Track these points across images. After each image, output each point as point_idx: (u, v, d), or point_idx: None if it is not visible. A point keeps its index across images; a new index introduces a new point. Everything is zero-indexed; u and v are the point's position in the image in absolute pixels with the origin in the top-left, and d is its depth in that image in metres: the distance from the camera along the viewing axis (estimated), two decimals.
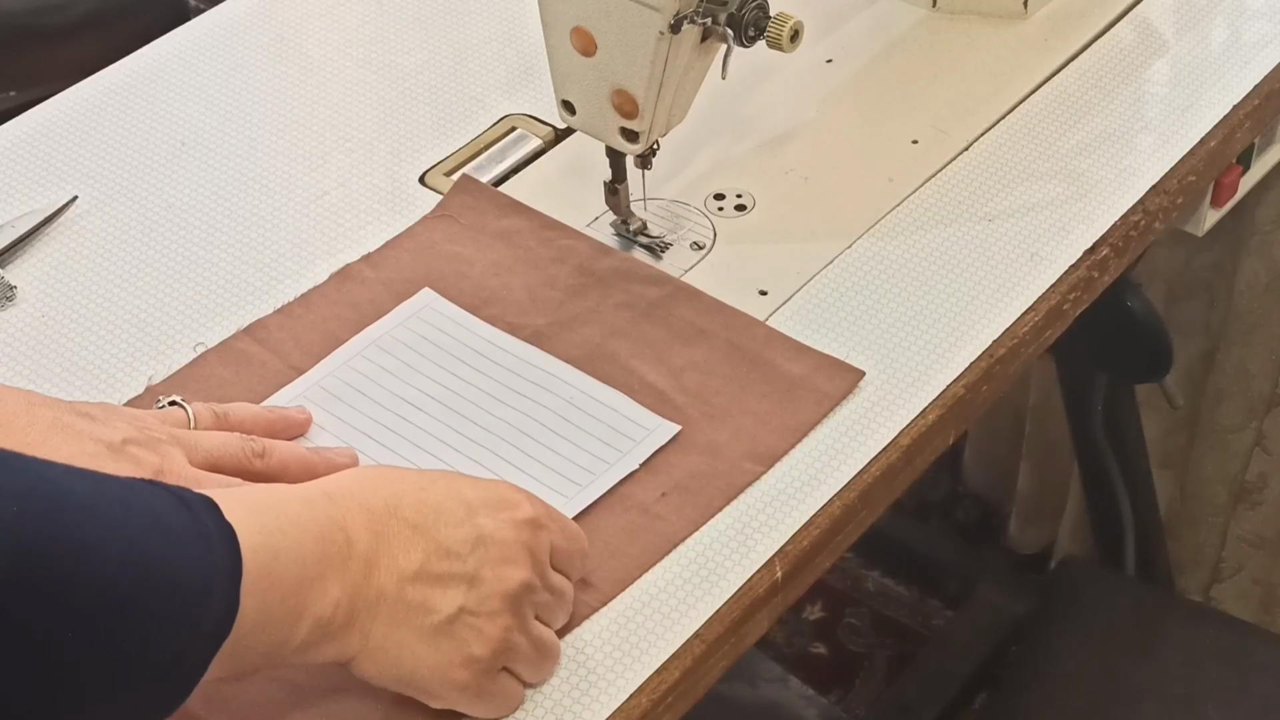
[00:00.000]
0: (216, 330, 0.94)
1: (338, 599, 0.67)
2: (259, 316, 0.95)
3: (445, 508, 0.71)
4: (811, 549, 0.82)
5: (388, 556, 0.69)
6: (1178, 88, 1.08)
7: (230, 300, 0.97)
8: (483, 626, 0.71)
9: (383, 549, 0.69)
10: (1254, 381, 1.46)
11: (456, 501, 0.72)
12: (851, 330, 0.92)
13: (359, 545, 0.68)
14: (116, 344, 0.94)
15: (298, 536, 0.66)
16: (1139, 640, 1.21)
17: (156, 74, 1.17)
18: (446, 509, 0.71)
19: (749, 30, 0.88)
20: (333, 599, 0.66)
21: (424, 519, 0.71)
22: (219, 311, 0.96)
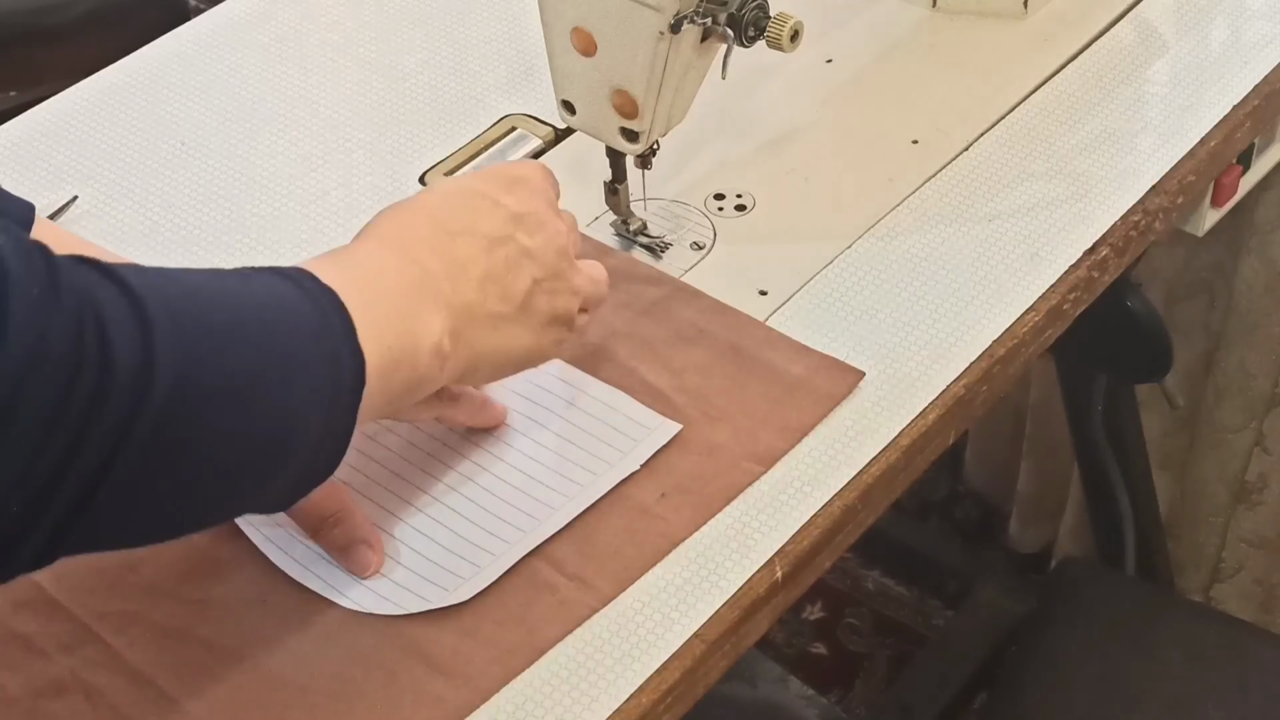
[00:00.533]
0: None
1: (442, 326, 0.73)
2: None
3: (473, 205, 0.77)
4: (811, 549, 0.82)
5: (457, 268, 0.74)
6: (1178, 88, 1.08)
7: None
8: (556, 288, 0.79)
9: (450, 264, 0.74)
10: (1254, 381, 1.46)
11: (478, 197, 0.78)
12: (851, 330, 0.92)
13: (432, 268, 0.73)
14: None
15: (386, 279, 0.71)
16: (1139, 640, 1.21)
17: (156, 74, 1.17)
18: (475, 206, 0.77)
19: (749, 30, 0.88)
20: (438, 327, 0.72)
21: (464, 223, 0.76)
22: None
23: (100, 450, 0.56)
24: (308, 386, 0.65)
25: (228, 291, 0.65)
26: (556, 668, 0.76)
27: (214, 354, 0.61)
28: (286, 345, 0.65)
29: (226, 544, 0.82)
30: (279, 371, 0.64)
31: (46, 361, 0.54)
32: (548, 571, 0.80)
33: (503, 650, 0.77)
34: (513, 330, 0.77)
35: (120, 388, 0.56)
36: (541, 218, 0.79)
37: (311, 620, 0.79)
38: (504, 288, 0.76)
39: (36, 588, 0.81)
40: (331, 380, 0.66)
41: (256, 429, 0.63)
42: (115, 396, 0.56)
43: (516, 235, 0.77)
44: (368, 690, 0.75)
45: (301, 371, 0.65)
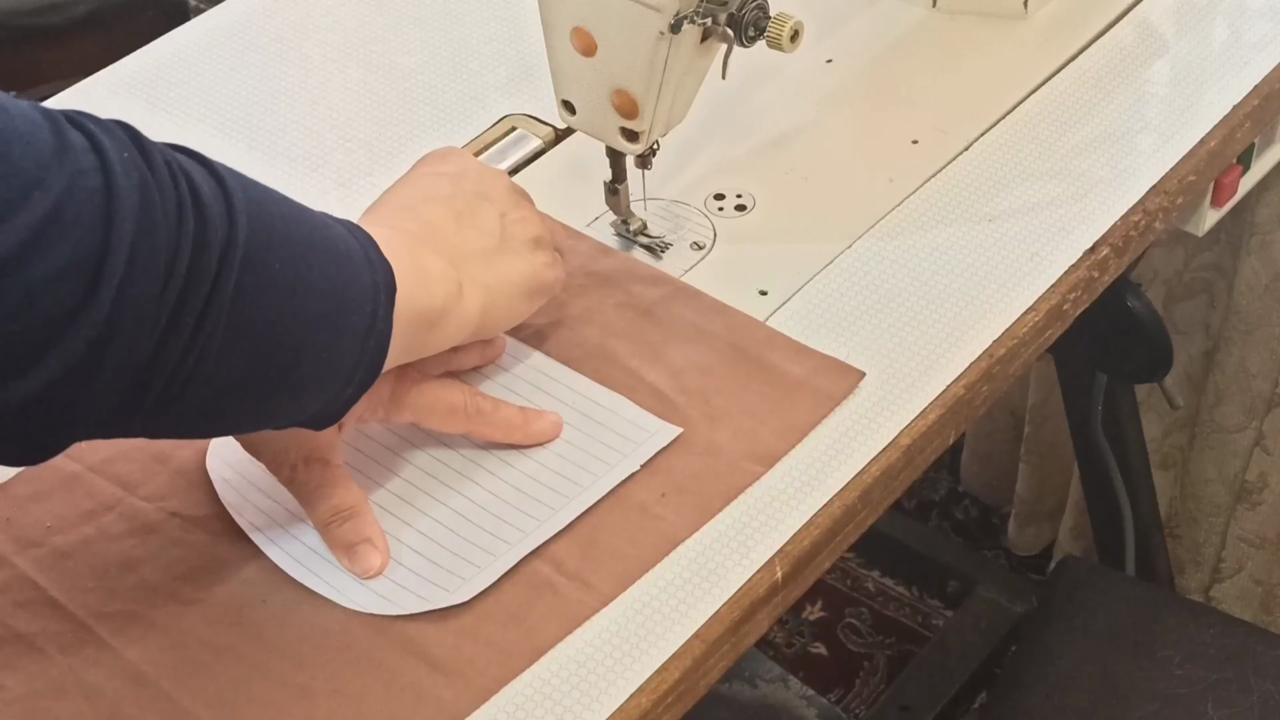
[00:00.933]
0: None
1: (440, 263, 0.79)
2: None
3: (417, 182, 0.86)
4: (811, 549, 0.82)
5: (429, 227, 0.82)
6: (1178, 88, 1.08)
7: None
8: (521, 216, 0.87)
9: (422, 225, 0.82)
10: (1254, 381, 1.46)
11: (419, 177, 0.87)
12: (851, 330, 0.92)
13: (411, 229, 0.81)
14: None
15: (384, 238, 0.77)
16: (1139, 640, 1.21)
17: (156, 74, 1.17)
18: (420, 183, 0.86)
19: (749, 30, 0.88)
20: (438, 263, 0.79)
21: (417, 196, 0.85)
22: None
23: (205, 290, 0.63)
24: (353, 272, 0.72)
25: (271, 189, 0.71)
26: (556, 668, 0.76)
27: (275, 213, 0.68)
28: (329, 235, 0.72)
29: (226, 544, 0.83)
30: (328, 250, 0.71)
31: (154, 209, 0.61)
32: (548, 572, 0.80)
33: (503, 650, 0.77)
34: (504, 260, 0.84)
35: (214, 232, 0.63)
36: (479, 169, 0.88)
37: (311, 620, 0.79)
38: (476, 227, 0.83)
39: (36, 588, 0.81)
40: (369, 274, 0.73)
41: (317, 291, 0.69)
42: (211, 241, 0.63)
43: (463, 186, 0.85)
44: (368, 690, 0.75)
45: (346, 258, 0.72)
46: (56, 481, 0.86)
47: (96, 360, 0.60)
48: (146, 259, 0.60)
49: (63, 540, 0.83)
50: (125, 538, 0.83)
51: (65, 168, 0.59)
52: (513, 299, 0.85)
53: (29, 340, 0.59)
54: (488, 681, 0.76)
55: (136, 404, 0.63)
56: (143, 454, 0.87)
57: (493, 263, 0.83)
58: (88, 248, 0.59)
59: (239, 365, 0.66)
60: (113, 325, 0.60)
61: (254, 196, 0.67)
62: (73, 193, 0.58)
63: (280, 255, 0.67)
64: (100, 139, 0.61)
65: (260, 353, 0.67)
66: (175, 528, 0.84)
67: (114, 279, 0.59)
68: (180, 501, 0.85)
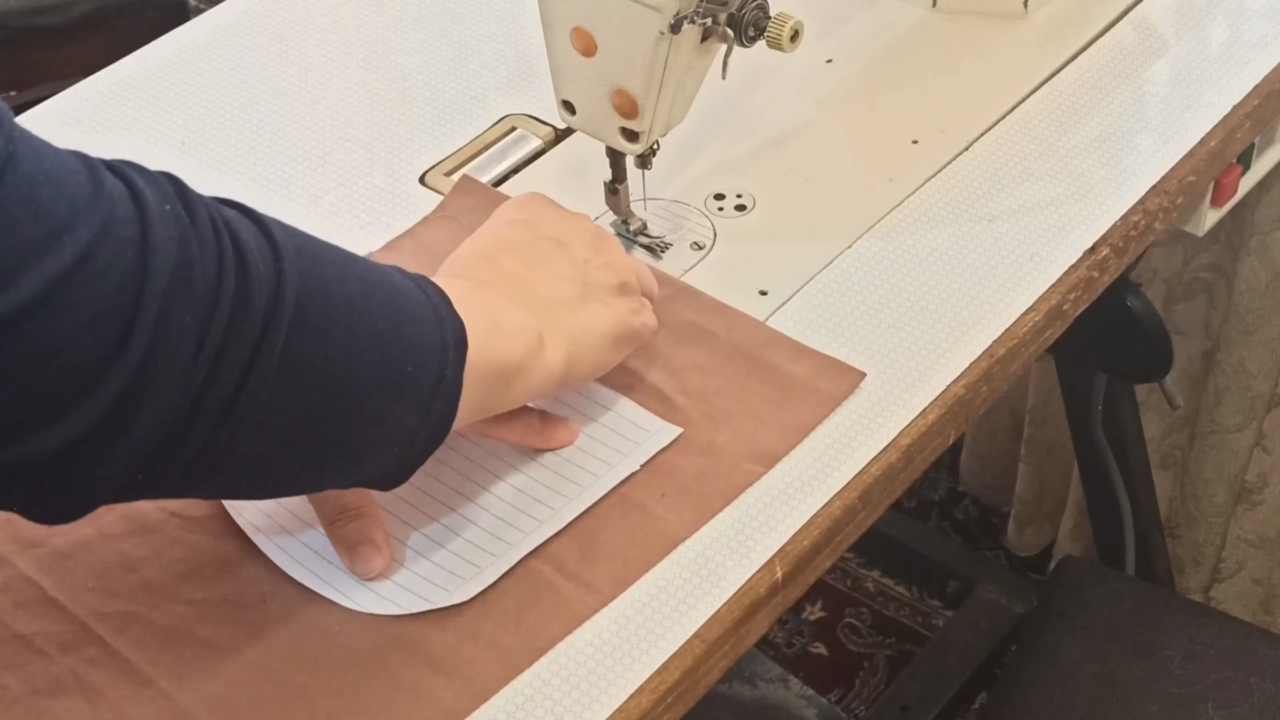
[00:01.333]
0: None
1: (521, 314, 0.77)
2: None
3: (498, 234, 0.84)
4: (811, 549, 0.82)
5: (506, 277, 0.80)
6: (1178, 88, 1.08)
7: None
8: (606, 262, 0.84)
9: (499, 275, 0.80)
10: (1254, 381, 1.46)
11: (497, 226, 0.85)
12: (851, 330, 0.92)
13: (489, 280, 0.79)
14: None
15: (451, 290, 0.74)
16: (1139, 640, 1.21)
17: (156, 74, 1.17)
18: (499, 234, 0.84)
19: (749, 30, 0.88)
20: (518, 313, 0.77)
21: (496, 246, 0.82)
22: None
23: (245, 351, 0.60)
24: (417, 328, 0.69)
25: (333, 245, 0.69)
26: (556, 668, 0.76)
27: (331, 272, 0.66)
28: (392, 291, 0.69)
29: (227, 544, 0.82)
30: (389, 308, 0.68)
31: (193, 266, 0.58)
32: (548, 572, 0.80)
33: (503, 650, 0.77)
34: (588, 308, 0.81)
35: (258, 291, 0.61)
36: (557, 214, 0.85)
37: (311, 620, 0.79)
38: (557, 275, 0.81)
39: (36, 588, 0.81)
40: (437, 330, 0.70)
41: (376, 351, 0.66)
42: (255, 300, 0.60)
43: (541, 233, 0.83)
44: (368, 690, 0.75)
45: (410, 315, 0.69)
46: None
47: (122, 420, 0.57)
48: (180, 317, 0.58)
49: (63, 540, 0.83)
50: (125, 538, 0.83)
51: (98, 215, 0.56)
52: (599, 348, 0.82)
53: (51, 393, 0.56)
54: (488, 681, 0.76)
55: (167, 467, 0.61)
56: None
57: (576, 311, 0.81)
58: (118, 300, 0.56)
59: (287, 428, 0.64)
60: (140, 384, 0.57)
61: (308, 254, 0.65)
62: (105, 241, 0.56)
63: (336, 314, 0.65)
64: (141, 189, 0.59)
65: (311, 416, 0.65)
66: (175, 528, 0.83)
67: (144, 335, 0.57)
68: (180, 501, 0.85)
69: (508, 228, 0.84)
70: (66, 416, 0.56)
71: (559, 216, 0.85)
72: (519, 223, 0.84)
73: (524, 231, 0.83)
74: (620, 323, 0.83)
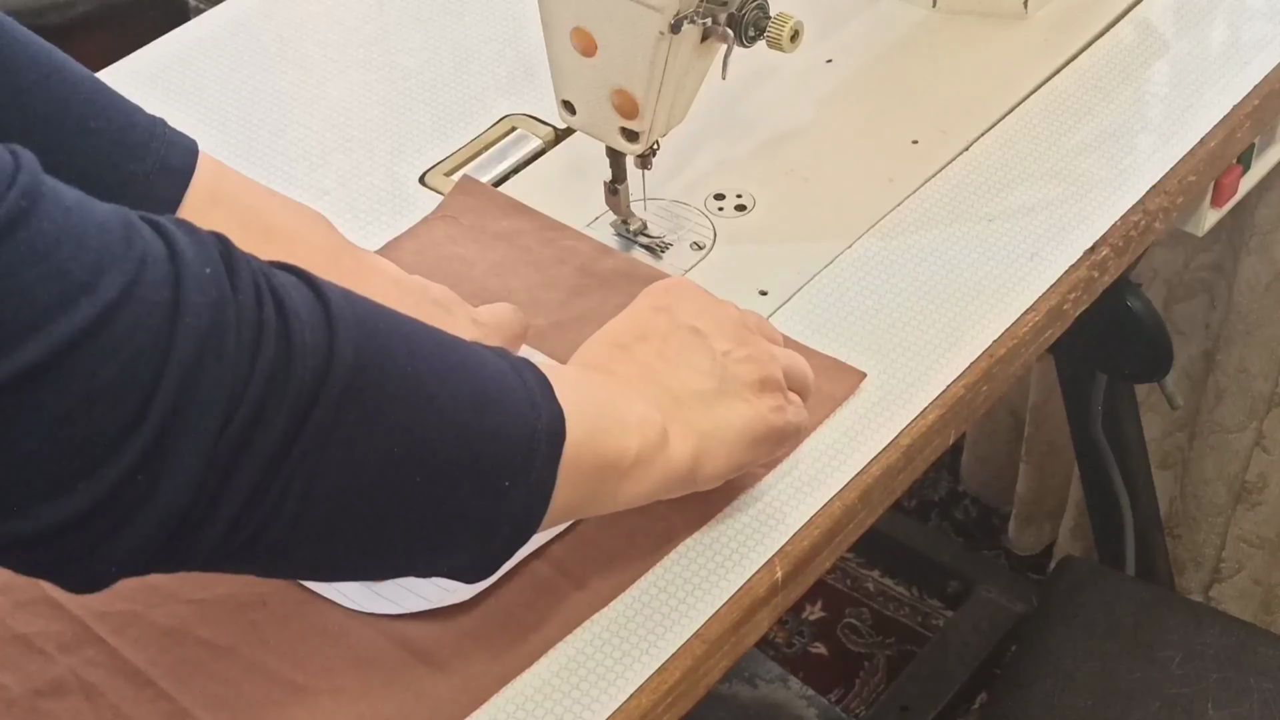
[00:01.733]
0: None
1: (645, 407, 0.72)
2: None
3: (636, 318, 0.79)
4: (811, 549, 0.82)
5: (639, 368, 0.75)
6: (1178, 88, 1.08)
7: None
8: (748, 355, 0.78)
9: (632, 366, 0.75)
10: (1254, 381, 1.46)
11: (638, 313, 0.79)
12: (851, 330, 0.92)
13: (618, 372, 0.75)
14: None
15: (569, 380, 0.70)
16: (1139, 640, 1.21)
17: (156, 74, 1.17)
18: (637, 319, 0.79)
19: (749, 30, 0.88)
20: (641, 407, 0.72)
21: (632, 333, 0.78)
22: None
23: (281, 428, 0.56)
24: (502, 414, 0.64)
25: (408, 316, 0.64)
26: (556, 668, 0.76)
27: (399, 348, 0.61)
28: (478, 372, 0.64)
29: None
30: (471, 389, 0.63)
31: (226, 333, 0.54)
32: (548, 572, 0.80)
33: (503, 650, 0.77)
34: (724, 403, 0.76)
35: (301, 365, 0.56)
36: (700, 302, 0.80)
37: (311, 620, 0.79)
38: (692, 367, 0.76)
39: (37, 587, 0.81)
40: (528, 420, 0.65)
41: (443, 435, 0.61)
42: (297, 372, 0.56)
43: (680, 321, 0.78)
44: (368, 690, 0.75)
45: (496, 399, 0.64)
46: None
47: (136, 495, 0.54)
48: (208, 389, 0.54)
49: None
50: None
51: (123, 276, 0.52)
52: (733, 447, 0.77)
53: (62, 462, 0.52)
54: (488, 681, 0.76)
55: (190, 545, 0.56)
56: None
57: (710, 406, 0.76)
58: (137, 368, 0.53)
59: (333, 513, 0.59)
60: (158, 459, 0.53)
61: (371, 326, 0.60)
62: (128, 305, 0.52)
63: (399, 392, 0.60)
64: (182, 249, 0.55)
65: (364, 501, 0.60)
66: None
67: (164, 407, 0.53)
68: None
69: (647, 314, 0.79)
70: (74, 490, 0.53)
71: (701, 306, 0.80)
72: (660, 309, 0.79)
73: (663, 320, 0.78)
74: (758, 420, 0.77)
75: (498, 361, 0.66)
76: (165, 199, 0.74)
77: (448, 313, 0.81)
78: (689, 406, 0.75)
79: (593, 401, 0.70)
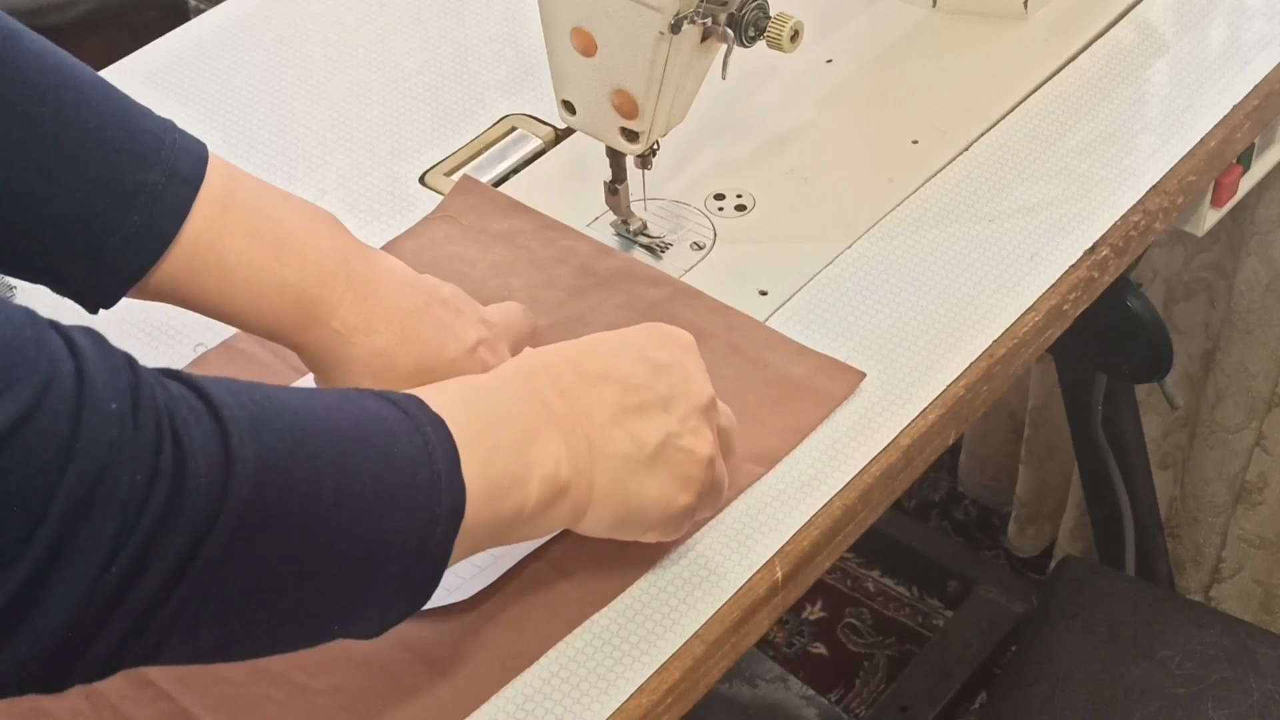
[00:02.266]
0: (217, 330, 0.94)
1: (557, 456, 0.70)
2: None
3: (619, 351, 0.76)
4: (811, 549, 0.82)
5: (583, 408, 0.72)
6: (1178, 88, 1.08)
7: None
8: (692, 446, 0.74)
9: (574, 402, 0.72)
10: (1254, 381, 1.46)
11: (625, 345, 0.76)
12: (851, 330, 0.92)
13: (554, 406, 0.72)
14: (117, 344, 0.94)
15: (502, 409, 0.70)
16: (1139, 640, 1.21)
17: (156, 74, 1.17)
18: (620, 352, 0.76)
19: (749, 30, 0.88)
20: (553, 456, 0.70)
21: (604, 365, 0.74)
22: None
23: (168, 568, 0.54)
24: (401, 509, 0.63)
25: (322, 410, 0.63)
26: (556, 668, 0.76)
27: (299, 468, 0.59)
28: (380, 466, 0.63)
29: None
30: (369, 490, 0.62)
31: (120, 475, 0.53)
32: (548, 572, 0.80)
33: (503, 650, 0.77)
34: (641, 477, 0.74)
35: (193, 506, 0.55)
36: (686, 373, 0.76)
37: None
38: (633, 432, 0.73)
39: None
40: (428, 506, 0.64)
41: (340, 547, 0.61)
42: (187, 515, 0.55)
43: (655, 385, 0.74)
44: (368, 690, 0.75)
45: (395, 493, 0.63)
46: None
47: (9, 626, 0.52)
48: (93, 527, 0.52)
49: None
50: None
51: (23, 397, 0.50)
52: (622, 520, 0.75)
53: None
54: (488, 681, 0.76)
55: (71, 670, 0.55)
56: None
57: (624, 476, 0.73)
58: (27, 497, 0.50)
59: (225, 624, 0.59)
60: (33, 595, 0.52)
61: (274, 454, 0.58)
62: (25, 432, 0.50)
63: (295, 518, 0.59)
64: (91, 376, 0.53)
65: (256, 610, 0.60)
66: None
67: (48, 540, 0.51)
68: None
69: (632, 355, 0.75)
70: None
71: (684, 377, 0.76)
72: (646, 359, 0.75)
73: (640, 373, 0.75)
74: (662, 506, 0.75)
75: (408, 444, 0.64)
76: (176, 207, 0.74)
77: (458, 313, 0.81)
78: (602, 468, 0.72)
79: (502, 459, 0.68)
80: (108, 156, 0.73)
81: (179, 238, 0.74)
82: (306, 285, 0.76)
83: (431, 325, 0.79)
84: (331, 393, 0.65)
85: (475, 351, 0.80)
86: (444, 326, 0.80)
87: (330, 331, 0.77)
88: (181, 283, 0.75)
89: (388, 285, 0.79)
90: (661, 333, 0.78)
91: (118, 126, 0.74)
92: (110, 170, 0.73)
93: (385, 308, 0.78)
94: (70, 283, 0.75)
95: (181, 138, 0.77)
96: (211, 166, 0.77)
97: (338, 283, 0.77)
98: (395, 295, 0.79)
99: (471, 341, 0.80)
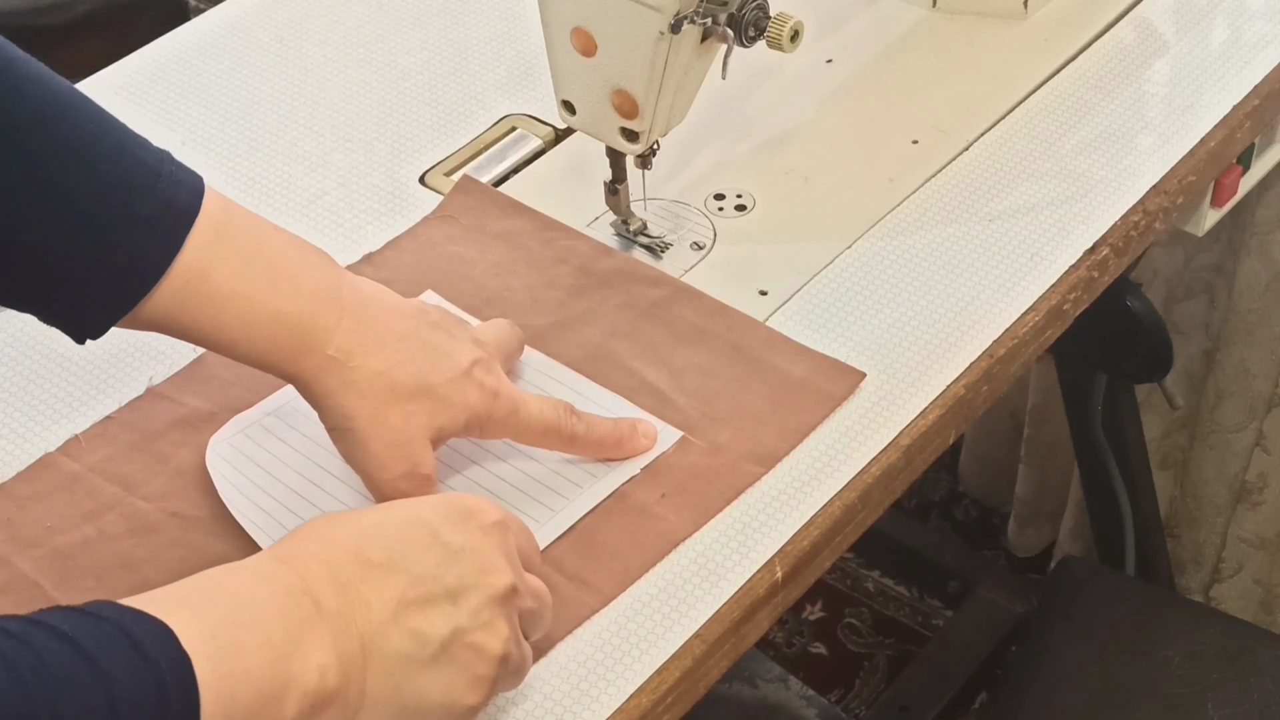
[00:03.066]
0: None
1: (323, 664, 0.64)
2: None
3: (408, 535, 0.69)
4: (811, 549, 0.82)
5: (361, 603, 0.66)
6: (1178, 88, 1.08)
7: None
8: (483, 642, 0.68)
9: (353, 597, 0.66)
10: (1254, 381, 1.46)
11: (417, 526, 0.69)
12: (851, 330, 0.92)
13: (327, 602, 0.65)
14: (116, 344, 0.94)
15: (259, 620, 0.63)
16: (1139, 640, 1.21)
17: (156, 74, 1.17)
18: (409, 536, 0.69)
19: (749, 30, 0.88)
20: (317, 664, 0.63)
21: (389, 553, 0.68)
22: None
23: None
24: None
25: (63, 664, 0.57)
26: (556, 668, 0.76)
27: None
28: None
29: (226, 544, 0.82)
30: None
31: None
32: (548, 572, 0.80)
33: None
34: (421, 678, 0.67)
35: None
36: (482, 559, 0.69)
37: None
38: (415, 629, 0.67)
39: (37, 588, 0.81)
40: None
41: None
42: None
43: (444, 575, 0.68)
44: None
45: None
46: (57, 481, 0.86)
47: None
48: None
49: (63, 540, 0.83)
50: (125, 538, 0.83)
51: None
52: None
53: None
54: None
55: None
56: (143, 454, 0.87)
57: (404, 676, 0.67)
58: None
59: None
60: None
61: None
62: None
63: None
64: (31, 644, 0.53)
65: None
66: (175, 528, 0.84)
67: None
68: (180, 501, 0.85)
69: (424, 537, 0.69)
70: None
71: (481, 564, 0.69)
72: (439, 543, 0.69)
73: (432, 559, 0.68)
74: (449, 704, 0.68)
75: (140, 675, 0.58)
76: (169, 240, 0.74)
77: (449, 335, 0.81)
78: (375, 670, 0.66)
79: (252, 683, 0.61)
80: (102, 189, 0.73)
81: (171, 270, 0.74)
82: (301, 314, 0.76)
83: (424, 349, 0.79)
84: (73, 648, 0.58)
85: (471, 373, 0.80)
86: (435, 350, 0.79)
87: (326, 358, 0.77)
88: (173, 314, 0.75)
89: (378, 311, 0.79)
90: (461, 510, 0.71)
91: (112, 161, 0.74)
92: (104, 203, 0.73)
93: (379, 332, 0.78)
94: (58, 313, 0.75)
95: (178, 170, 0.77)
96: (207, 199, 0.77)
97: (332, 309, 0.77)
98: (386, 320, 0.79)
99: (466, 364, 0.80)
